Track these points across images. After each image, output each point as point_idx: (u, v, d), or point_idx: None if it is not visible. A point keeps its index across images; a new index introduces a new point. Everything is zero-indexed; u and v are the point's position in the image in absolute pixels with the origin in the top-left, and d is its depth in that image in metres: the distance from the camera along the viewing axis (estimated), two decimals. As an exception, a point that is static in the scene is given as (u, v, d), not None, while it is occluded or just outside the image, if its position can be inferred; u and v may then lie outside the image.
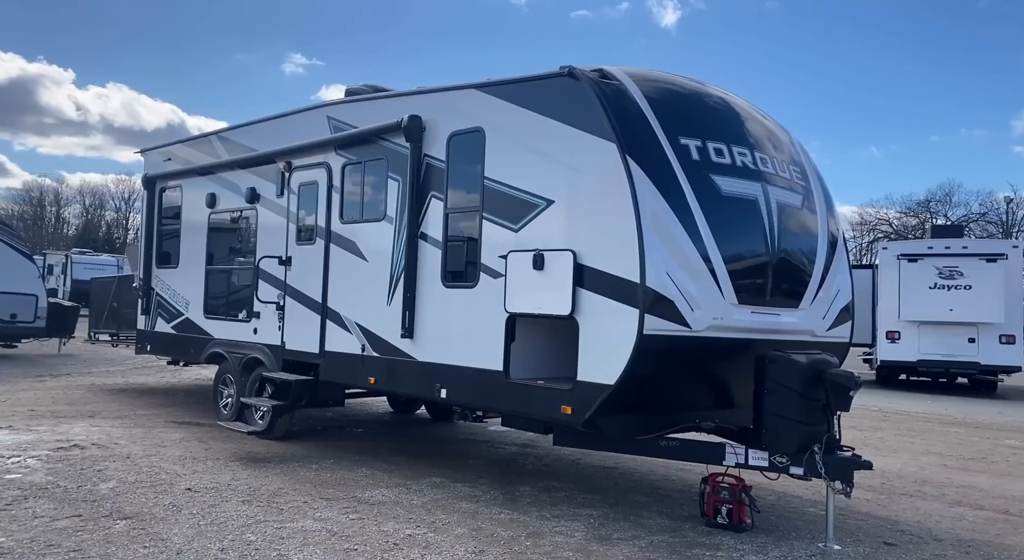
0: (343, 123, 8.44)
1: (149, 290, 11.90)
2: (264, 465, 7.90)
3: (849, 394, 5.85)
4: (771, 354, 5.99)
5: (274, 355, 9.13)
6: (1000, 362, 18.31)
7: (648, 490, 7.39)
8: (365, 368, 7.85)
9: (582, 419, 5.88)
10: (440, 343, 7.07)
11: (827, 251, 6.87)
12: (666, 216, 5.74)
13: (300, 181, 8.96)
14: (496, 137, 6.72)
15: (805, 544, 5.88)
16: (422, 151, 7.39)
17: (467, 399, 6.92)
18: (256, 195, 9.61)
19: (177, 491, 6.80)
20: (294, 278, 8.93)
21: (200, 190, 10.75)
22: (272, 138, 9.51)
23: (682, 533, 6.01)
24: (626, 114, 5.93)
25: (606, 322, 5.75)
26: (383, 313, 7.67)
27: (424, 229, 7.32)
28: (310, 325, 8.60)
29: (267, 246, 9.37)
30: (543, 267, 6.13)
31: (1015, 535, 6.41)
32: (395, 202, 7.66)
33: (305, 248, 8.81)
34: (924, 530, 6.45)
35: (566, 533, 5.89)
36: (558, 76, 6.23)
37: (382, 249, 7.75)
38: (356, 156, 8.24)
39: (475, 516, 6.27)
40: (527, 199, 6.39)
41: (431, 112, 7.39)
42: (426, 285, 7.25)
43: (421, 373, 7.22)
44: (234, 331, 9.92)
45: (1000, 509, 7.32)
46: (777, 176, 6.61)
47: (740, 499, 6.13)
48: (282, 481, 7.24)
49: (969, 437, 11.78)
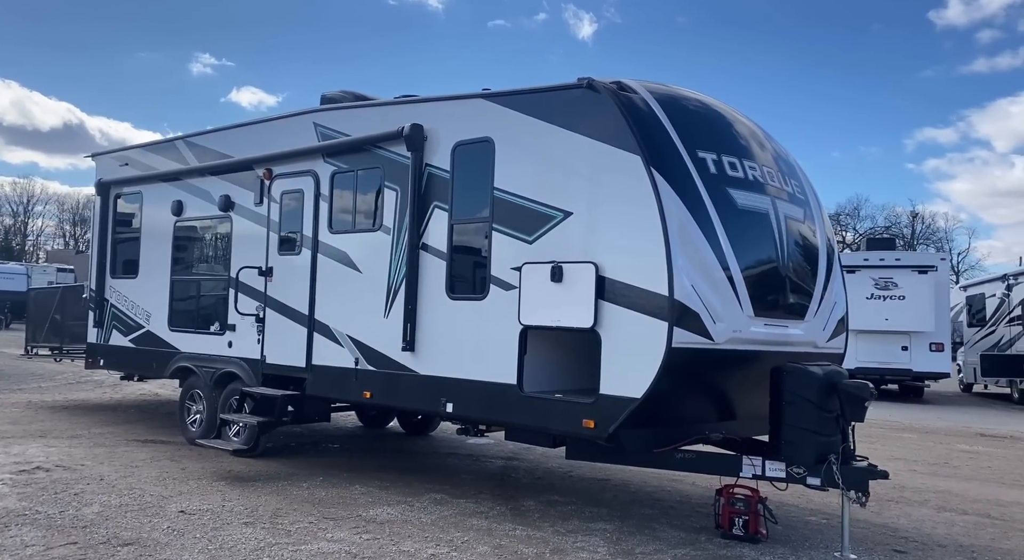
0: (332, 130, 8.22)
1: (102, 301, 11.32)
2: (251, 484, 7.58)
3: (864, 405, 5.98)
4: (788, 366, 6.07)
5: (252, 369, 8.79)
6: (930, 369, 19.13)
7: (650, 502, 7.39)
8: (359, 382, 7.62)
9: (606, 433, 5.83)
10: (445, 356, 6.92)
11: (826, 263, 7.03)
12: (691, 229, 5.76)
13: (282, 189, 8.67)
14: (506, 148, 6.64)
15: (821, 554, 5.96)
16: (423, 160, 7.24)
17: (476, 413, 6.79)
18: (230, 203, 9.25)
19: (170, 514, 6.45)
20: (276, 289, 8.62)
21: (164, 197, 10.30)
22: (250, 144, 9.19)
23: (701, 546, 6.02)
24: (648, 126, 5.94)
25: (631, 335, 5.73)
26: (380, 325, 7.47)
27: (426, 240, 7.16)
28: (295, 338, 8.31)
29: (244, 256, 9.03)
30: (562, 279, 6.07)
31: (1007, 539, 6.65)
32: (393, 212, 7.48)
33: (288, 258, 8.52)
34: (924, 536, 6.63)
35: (589, 549, 5.82)
36: (576, 87, 6.20)
37: (378, 260, 7.56)
38: (348, 164, 8.02)
39: (490, 533, 6.15)
40: (542, 211, 6.33)
41: (432, 121, 7.25)
42: (429, 297, 7.09)
43: (424, 387, 7.06)
44: (205, 344, 9.51)
45: (982, 513, 7.59)
46: (782, 190, 6.73)
47: (756, 510, 6.18)
48: (278, 501, 6.96)
49: (924, 443, 12.23)
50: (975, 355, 22.91)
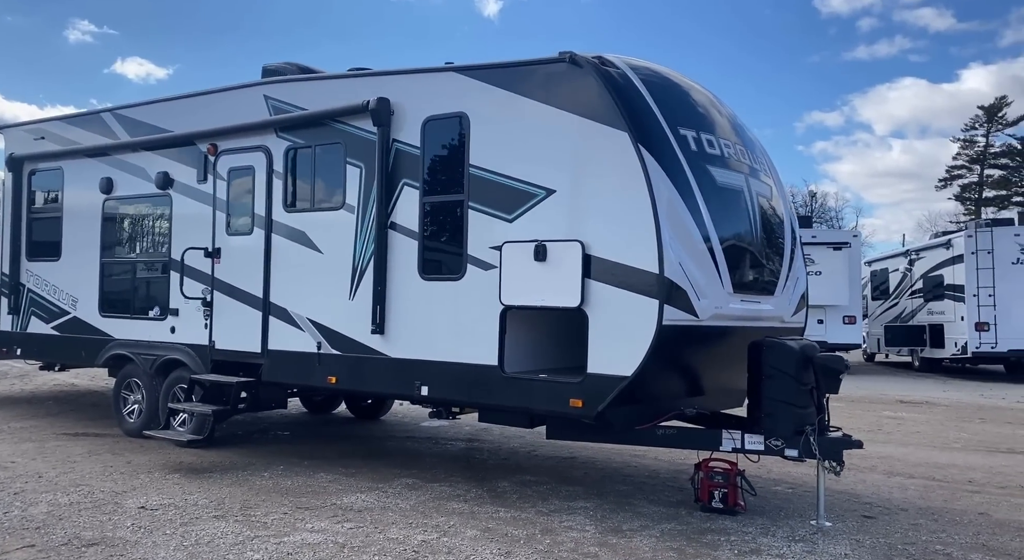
0: (286, 104, 7.84)
1: (17, 286, 10.55)
2: (209, 476, 7.23)
3: (839, 377, 6.15)
4: (767, 341, 6.19)
5: (200, 356, 8.37)
6: (844, 341, 20.01)
7: (620, 479, 7.44)
8: (323, 367, 7.35)
9: (594, 412, 5.81)
10: (419, 339, 6.74)
11: (791, 239, 7.18)
12: (678, 206, 5.77)
13: (230, 166, 8.23)
14: (482, 123, 6.47)
15: (799, 522, 6.13)
16: (390, 136, 7.00)
17: (454, 396, 6.64)
18: (169, 180, 8.74)
19: (130, 510, 6.09)
20: (225, 271, 8.21)
21: (90, 173, 9.64)
22: (191, 118, 8.68)
23: (684, 520, 6.09)
24: (633, 102, 5.89)
25: (620, 313, 5.70)
26: (345, 308, 7.21)
27: (395, 219, 6.94)
28: (248, 322, 7.94)
29: (186, 237, 8.55)
30: (546, 258, 5.99)
31: (957, 501, 7.01)
32: (357, 189, 7.21)
33: (239, 239, 8.12)
34: (884, 501, 6.91)
35: (577, 528, 5.81)
36: (557, 61, 6.09)
37: (341, 240, 7.28)
38: (304, 140, 7.67)
39: (474, 516, 6.05)
40: (522, 188, 6.21)
41: (399, 95, 7.00)
42: (400, 278, 6.88)
43: (396, 371, 6.86)
44: (143, 330, 9.00)
45: (927, 476, 7.98)
46: (751, 167, 6.83)
47: (734, 483, 6.30)
48: (243, 492, 6.66)
49: (853, 411, 12.79)
50: (879, 326, 24.16)
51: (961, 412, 12.73)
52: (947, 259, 19.54)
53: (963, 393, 15.66)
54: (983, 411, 12.97)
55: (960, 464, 8.62)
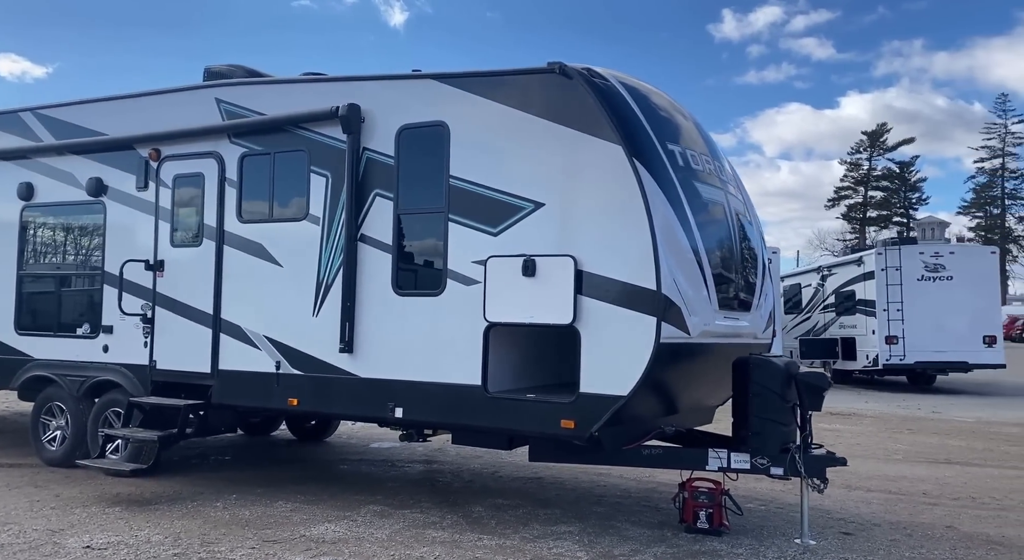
0: (240, 108, 7.36)
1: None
2: (155, 508, 6.66)
3: (823, 394, 6.17)
4: (754, 358, 6.15)
5: (138, 377, 7.73)
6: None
7: (594, 500, 7.26)
8: (282, 388, 6.90)
9: (587, 433, 5.62)
10: (393, 357, 6.39)
11: (763, 256, 7.21)
12: (672, 221, 5.67)
13: (176, 172, 7.67)
14: (463, 133, 6.22)
15: (784, 541, 6.09)
16: (360, 144, 6.65)
17: (432, 417, 6.32)
18: (103, 187, 8.09)
19: (74, 551, 5.52)
20: (169, 285, 7.62)
21: (6, 178, 8.83)
22: (129, 120, 8.05)
23: (672, 542, 5.96)
24: (626, 116, 5.77)
25: (615, 331, 5.54)
26: (308, 325, 6.79)
27: (366, 231, 6.58)
28: (196, 340, 7.38)
29: (123, 248, 7.91)
30: (535, 273, 5.78)
31: (921, 514, 7.16)
32: (322, 200, 6.81)
33: (186, 251, 7.56)
34: (855, 516, 6.98)
35: (569, 555, 5.59)
36: (546, 72, 5.91)
37: (304, 253, 6.86)
38: (262, 146, 7.21)
39: (458, 545, 5.75)
40: (508, 201, 5.98)
41: (371, 101, 6.67)
42: (371, 293, 6.52)
43: (367, 392, 6.49)
44: (69, 350, 8.26)
45: (883, 489, 8.15)
46: (729, 183, 6.83)
47: (720, 503, 6.22)
48: (199, 525, 6.14)
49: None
50: (791, 339, 24.95)
51: (888, 423, 13.18)
52: (858, 275, 20.35)
53: (881, 404, 16.27)
54: (908, 422, 13.47)
55: (909, 476, 8.85)
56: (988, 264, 20.05)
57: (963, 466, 9.60)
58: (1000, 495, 8.04)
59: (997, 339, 19.23)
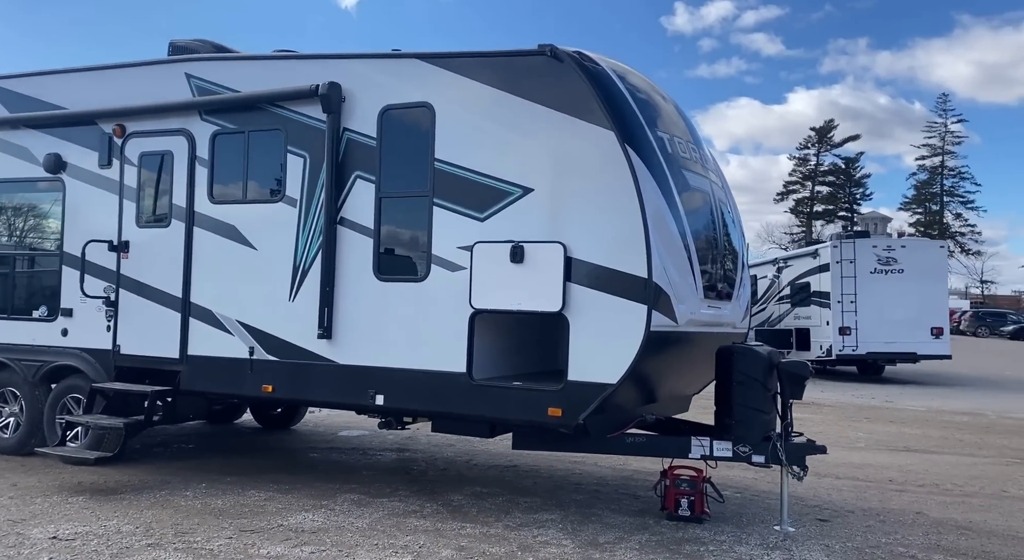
0: (213, 84, 7.09)
1: None
2: (121, 497, 6.43)
3: (804, 383, 6.22)
4: (737, 347, 6.18)
5: (101, 362, 7.44)
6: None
7: (571, 487, 7.24)
8: (255, 374, 6.70)
9: (575, 421, 5.57)
10: (374, 344, 6.25)
11: (742, 245, 7.24)
12: (663, 209, 5.63)
13: (142, 150, 7.37)
14: (450, 115, 6.08)
15: (764, 528, 6.14)
16: (340, 124, 6.46)
17: (414, 405, 6.20)
18: (62, 163, 7.74)
19: (40, 542, 5.29)
20: (134, 267, 7.33)
21: (-45, 153, 8.40)
22: (91, 94, 7.71)
23: (655, 530, 5.95)
24: (618, 101, 5.71)
25: (605, 319, 5.49)
26: (284, 310, 6.60)
27: (346, 214, 6.41)
28: (163, 324, 7.12)
29: (84, 227, 7.58)
30: (523, 260, 5.69)
31: (890, 500, 7.30)
32: (300, 181, 6.61)
33: (153, 231, 7.28)
34: (828, 503, 7.08)
35: (555, 543, 5.54)
36: (537, 54, 5.80)
37: (280, 235, 6.66)
38: (236, 124, 6.97)
39: (441, 534, 5.66)
40: (496, 186, 5.88)
41: (352, 80, 6.48)
42: (352, 278, 6.36)
43: (346, 378, 6.34)
44: (24, 333, 7.91)
45: (851, 477, 8.29)
46: (711, 171, 6.82)
47: (701, 490, 6.23)
48: (170, 515, 5.94)
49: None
50: (746, 330, 25.33)
51: (847, 412, 13.46)
52: (814, 268, 20.72)
53: (837, 394, 16.60)
54: (864, 411, 13.78)
55: (873, 463, 9.03)
56: (937, 258, 20.61)
57: (922, 454, 9.84)
58: (961, 482, 8.25)
59: (944, 331, 19.80)
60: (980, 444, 10.73)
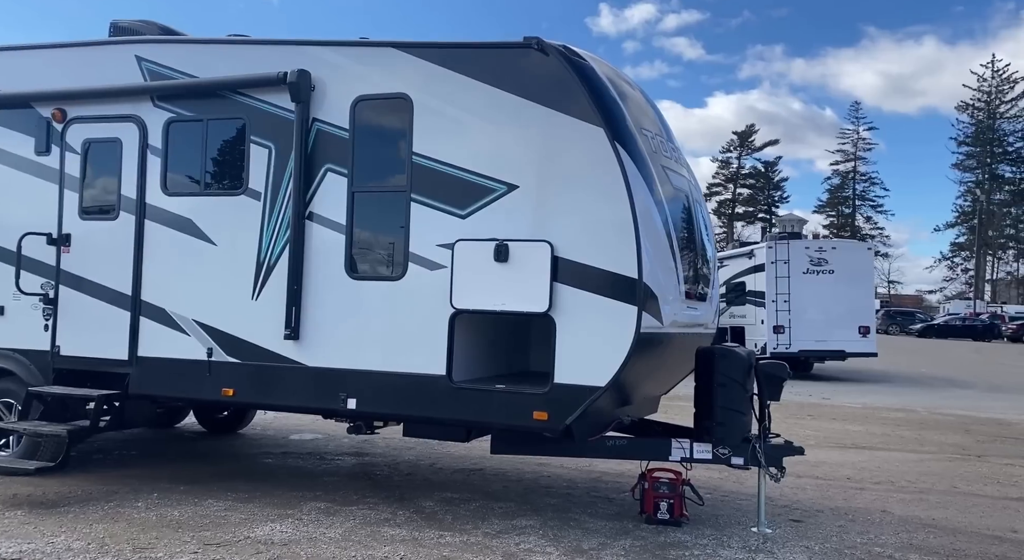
0: (167, 68, 6.65)
1: None
2: (64, 510, 5.96)
3: (782, 384, 6.22)
4: (718, 349, 6.14)
5: (37, 364, 6.90)
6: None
7: (543, 491, 7.07)
8: (214, 377, 6.31)
9: (561, 425, 5.42)
10: (346, 345, 5.96)
11: (712, 245, 7.22)
12: (651, 208, 5.53)
13: (86, 136, 6.87)
14: (429, 108, 5.84)
15: (742, 530, 6.11)
16: (310, 114, 6.14)
17: (388, 409, 5.93)
18: (-9, 148, 7.15)
19: (-14, 565, 4.82)
20: (77, 262, 6.83)
21: None
22: (25, 75, 7.15)
23: (637, 535, 5.85)
24: (605, 97, 5.57)
25: (594, 320, 5.36)
26: (247, 309, 6.24)
27: (316, 209, 6.10)
28: (110, 324, 6.65)
29: (16, 219, 7.02)
30: (508, 259, 5.50)
31: (854, 499, 7.39)
32: (264, 173, 6.26)
33: (98, 224, 6.79)
34: (796, 502, 7.13)
35: (539, 550, 5.38)
36: (522, 47, 5.62)
37: (242, 230, 6.30)
38: (192, 112, 6.55)
39: (420, 544, 5.43)
40: (478, 182, 5.67)
41: (322, 68, 6.16)
42: (322, 276, 6.05)
43: (315, 382, 6.02)
44: (-51, 332, 7.29)
45: (811, 475, 8.39)
46: (684, 168, 6.76)
47: (680, 493, 6.17)
48: (124, 529, 5.54)
49: (695, 411, 13.32)
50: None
51: (790, 410, 13.69)
52: (749, 268, 21.15)
53: (773, 391, 16.90)
54: (805, 408, 14.06)
55: (827, 462, 9.16)
56: (864, 259, 21.31)
57: (870, 451, 10.06)
58: (913, 478, 8.45)
59: (871, 330, 20.48)
60: (920, 440, 11.05)
